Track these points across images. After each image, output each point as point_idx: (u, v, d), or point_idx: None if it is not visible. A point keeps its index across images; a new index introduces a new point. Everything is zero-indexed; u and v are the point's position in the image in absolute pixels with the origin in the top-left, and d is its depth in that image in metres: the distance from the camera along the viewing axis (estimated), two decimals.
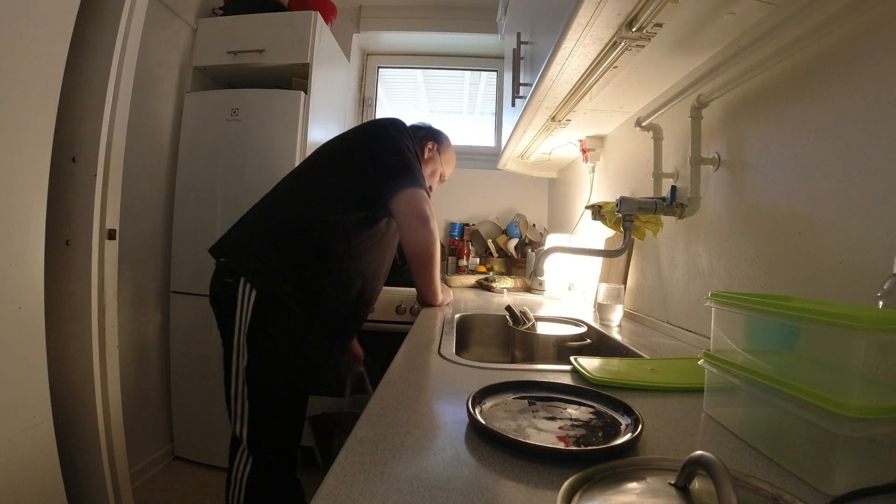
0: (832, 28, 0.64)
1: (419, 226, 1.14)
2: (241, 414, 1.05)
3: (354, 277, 1.20)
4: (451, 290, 1.53)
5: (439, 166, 1.45)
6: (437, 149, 1.44)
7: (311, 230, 1.12)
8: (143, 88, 1.68)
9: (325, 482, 0.36)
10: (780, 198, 0.77)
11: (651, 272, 1.23)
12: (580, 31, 0.85)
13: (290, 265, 1.09)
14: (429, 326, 1.08)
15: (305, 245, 1.11)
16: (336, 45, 2.22)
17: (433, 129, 1.48)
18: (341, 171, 1.19)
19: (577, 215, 1.83)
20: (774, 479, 0.39)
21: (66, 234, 1.12)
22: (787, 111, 0.76)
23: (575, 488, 0.33)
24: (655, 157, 1.15)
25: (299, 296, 1.09)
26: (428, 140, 1.43)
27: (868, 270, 0.59)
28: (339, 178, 1.18)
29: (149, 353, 1.85)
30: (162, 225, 1.91)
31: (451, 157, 1.50)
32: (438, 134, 1.48)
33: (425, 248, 1.18)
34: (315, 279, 1.12)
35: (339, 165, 1.21)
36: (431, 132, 1.46)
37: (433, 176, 1.45)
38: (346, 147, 1.25)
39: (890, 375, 0.35)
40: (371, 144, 1.22)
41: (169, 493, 1.71)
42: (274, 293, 1.05)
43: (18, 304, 0.91)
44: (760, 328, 0.47)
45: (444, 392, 0.61)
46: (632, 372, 0.68)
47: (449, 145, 1.49)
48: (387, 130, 1.25)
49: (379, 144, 1.21)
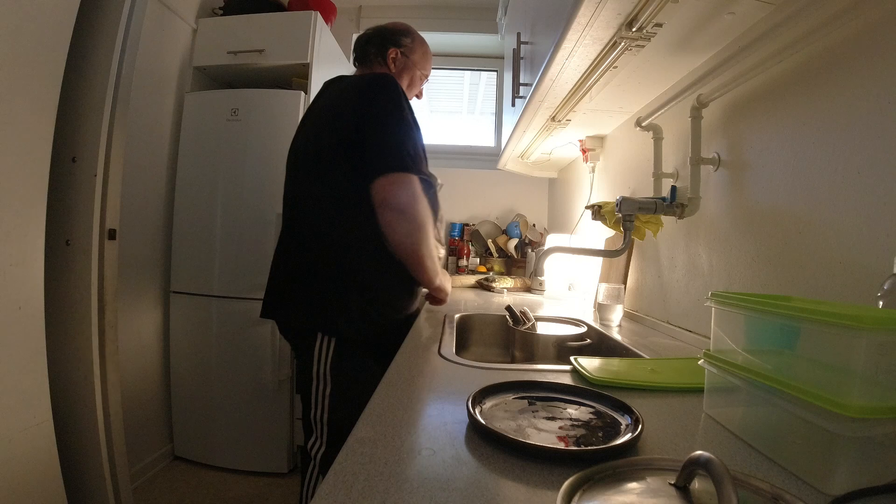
0: (832, 28, 0.64)
1: (394, 218, 0.99)
2: (321, 435, 1.05)
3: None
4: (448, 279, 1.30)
5: (415, 69, 1.25)
6: (402, 52, 1.23)
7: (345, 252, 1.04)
8: (143, 88, 1.69)
9: (325, 482, 0.36)
10: (780, 198, 0.77)
11: (651, 272, 1.23)
12: (580, 31, 0.85)
13: (351, 302, 1.04)
14: (429, 326, 1.08)
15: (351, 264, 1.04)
16: (336, 45, 2.22)
17: (385, 32, 1.25)
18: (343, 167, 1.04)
19: (577, 215, 1.83)
20: (774, 479, 0.39)
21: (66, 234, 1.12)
22: (787, 111, 0.76)
23: (575, 488, 0.33)
24: (655, 157, 1.15)
25: (369, 325, 1.05)
26: (388, 49, 1.22)
27: (868, 270, 0.59)
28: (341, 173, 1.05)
29: (149, 353, 1.85)
30: (162, 225, 1.91)
31: (423, 49, 1.28)
32: (395, 34, 1.24)
33: (408, 247, 1.02)
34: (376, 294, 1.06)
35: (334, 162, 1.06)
36: (387, 38, 1.24)
37: (412, 85, 1.27)
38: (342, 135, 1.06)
39: (890, 375, 0.35)
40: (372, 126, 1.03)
41: (169, 493, 1.71)
42: (351, 338, 1.04)
43: (18, 304, 0.91)
44: (760, 328, 0.47)
45: (444, 392, 0.61)
46: (632, 372, 0.68)
47: (411, 38, 1.26)
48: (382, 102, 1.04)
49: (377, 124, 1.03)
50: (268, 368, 1.85)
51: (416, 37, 1.28)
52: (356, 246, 1.04)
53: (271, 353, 1.85)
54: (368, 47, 1.24)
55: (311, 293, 1.05)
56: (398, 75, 1.23)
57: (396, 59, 1.23)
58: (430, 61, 1.31)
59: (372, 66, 1.24)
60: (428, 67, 1.31)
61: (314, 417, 1.05)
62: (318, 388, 1.04)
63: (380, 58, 1.23)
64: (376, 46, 1.23)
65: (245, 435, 1.89)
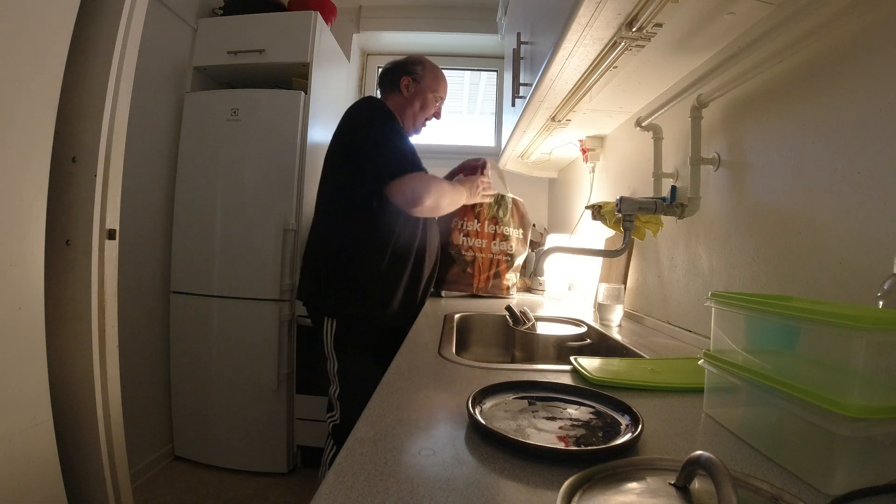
0: (832, 28, 0.64)
1: (412, 205, 1.24)
2: (337, 409, 1.26)
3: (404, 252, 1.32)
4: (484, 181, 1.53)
5: (427, 93, 1.42)
6: (413, 79, 1.41)
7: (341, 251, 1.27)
8: (143, 88, 1.68)
9: (325, 482, 0.36)
10: (781, 198, 0.77)
11: (651, 272, 1.23)
12: (580, 31, 0.85)
13: (348, 286, 1.26)
14: (429, 326, 1.08)
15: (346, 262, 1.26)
16: (336, 45, 2.22)
17: (400, 64, 1.44)
18: (339, 177, 1.29)
19: (577, 215, 1.83)
20: (774, 479, 0.39)
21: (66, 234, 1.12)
22: (787, 111, 0.76)
23: (575, 488, 0.33)
24: (655, 157, 1.15)
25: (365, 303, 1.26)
26: (400, 77, 1.41)
27: (868, 270, 0.59)
28: (339, 182, 1.29)
29: (149, 353, 1.85)
30: (162, 225, 1.91)
31: (434, 74, 1.45)
32: (408, 64, 1.43)
33: (425, 208, 1.26)
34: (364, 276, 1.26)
35: (334, 172, 1.31)
36: (400, 68, 1.43)
37: (425, 107, 1.43)
38: (336, 150, 1.32)
39: (890, 375, 0.35)
40: (351, 143, 1.27)
41: (169, 493, 1.71)
42: (349, 318, 1.26)
43: (18, 304, 0.91)
44: (760, 328, 0.47)
45: (444, 392, 0.61)
46: (632, 372, 0.68)
47: (422, 66, 1.44)
48: (357, 121, 1.29)
49: (356, 140, 1.26)
50: (268, 368, 1.85)
51: (428, 64, 1.46)
52: (351, 246, 1.26)
53: (271, 353, 1.85)
54: (385, 78, 1.44)
55: (320, 284, 1.28)
56: (411, 99, 1.41)
57: (409, 86, 1.41)
58: (442, 84, 1.47)
59: (387, 93, 1.45)
60: (440, 89, 1.47)
61: (331, 394, 1.28)
62: (330, 366, 1.27)
63: (394, 85, 1.42)
64: (391, 76, 1.43)
65: (245, 435, 1.89)
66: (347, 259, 1.26)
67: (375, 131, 1.24)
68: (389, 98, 1.43)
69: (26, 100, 0.91)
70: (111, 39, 1.14)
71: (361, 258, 1.26)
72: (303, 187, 1.93)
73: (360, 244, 1.26)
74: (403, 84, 1.41)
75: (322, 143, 2.10)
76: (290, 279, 1.89)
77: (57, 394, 1.01)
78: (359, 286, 1.26)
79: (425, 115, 1.46)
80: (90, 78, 1.13)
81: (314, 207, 1.38)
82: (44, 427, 0.96)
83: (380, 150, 1.23)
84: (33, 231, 0.94)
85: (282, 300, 1.87)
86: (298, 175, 1.91)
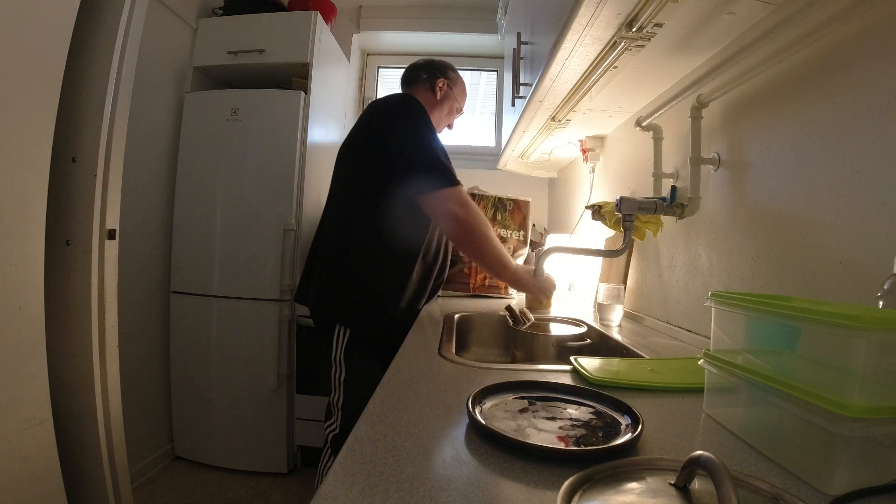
0: (832, 28, 0.64)
1: (451, 226, 1.15)
2: (337, 419, 1.19)
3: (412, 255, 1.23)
4: (550, 280, 1.31)
5: (454, 101, 1.42)
6: (448, 84, 1.40)
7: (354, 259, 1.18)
8: (143, 88, 1.68)
9: (325, 482, 0.36)
10: (781, 198, 0.77)
11: (651, 272, 1.23)
12: (580, 31, 0.85)
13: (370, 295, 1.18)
14: (429, 326, 1.08)
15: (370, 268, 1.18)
16: (336, 45, 2.22)
17: (436, 64, 1.41)
18: (361, 180, 1.18)
19: (577, 215, 1.83)
20: (774, 479, 0.39)
21: (66, 234, 1.12)
22: (787, 111, 0.76)
23: (575, 488, 0.33)
24: (655, 157, 1.15)
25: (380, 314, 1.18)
26: (437, 78, 1.38)
27: (868, 270, 0.59)
28: (361, 187, 1.18)
29: (149, 353, 1.85)
30: (162, 225, 1.91)
31: (462, 86, 1.46)
32: (444, 67, 1.41)
33: (464, 241, 1.17)
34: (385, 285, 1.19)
35: (357, 173, 1.19)
36: (438, 69, 1.40)
37: (450, 114, 1.42)
38: (361, 149, 1.20)
39: (890, 375, 0.35)
40: (385, 143, 1.15)
41: (169, 493, 1.71)
42: (362, 331, 1.18)
43: (18, 304, 0.91)
44: (760, 328, 0.47)
45: (444, 392, 0.61)
46: (632, 372, 0.68)
47: (456, 75, 1.44)
48: (398, 121, 1.17)
49: (392, 142, 1.15)
50: (268, 368, 1.85)
51: (459, 75, 1.46)
52: (362, 252, 1.18)
53: (271, 353, 1.85)
54: (420, 72, 1.39)
55: (329, 290, 1.20)
56: (440, 102, 1.39)
57: (443, 88, 1.39)
58: (464, 96, 1.47)
59: (417, 88, 1.39)
60: (463, 102, 1.47)
61: (332, 401, 1.21)
62: (336, 374, 1.19)
63: (428, 83, 1.38)
64: (428, 73, 1.39)
65: (245, 435, 1.89)
66: (372, 265, 1.17)
67: (423, 134, 1.15)
68: (420, 94, 1.37)
69: (26, 100, 0.91)
70: (111, 39, 1.14)
71: (387, 266, 1.18)
72: (303, 187, 1.93)
73: (389, 249, 1.17)
74: (439, 85, 1.38)
75: (322, 143, 2.10)
76: (290, 279, 1.89)
77: (57, 394, 1.01)
78: (383, 296, 1.18)
79: (448, 122, 1.45)
80: (90, 78, 1.14)
81: (323, 207, 1.30)
82: (44, 427, 0.96)
83: (435, 155, 1.13)
84: (33, 231, 0.94)
85: (282, 300, 1.87)
86: (298, 175, 1.91)
